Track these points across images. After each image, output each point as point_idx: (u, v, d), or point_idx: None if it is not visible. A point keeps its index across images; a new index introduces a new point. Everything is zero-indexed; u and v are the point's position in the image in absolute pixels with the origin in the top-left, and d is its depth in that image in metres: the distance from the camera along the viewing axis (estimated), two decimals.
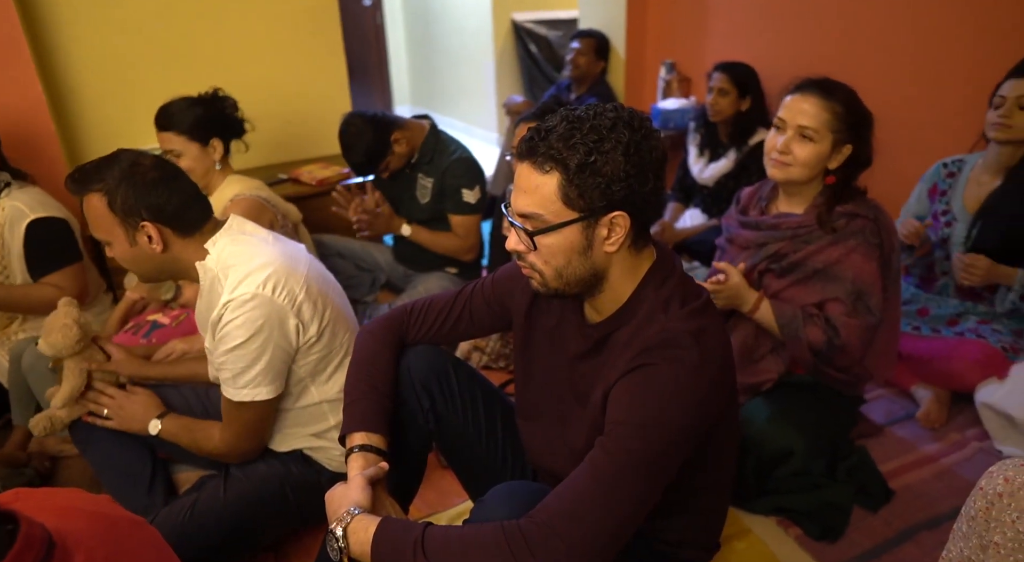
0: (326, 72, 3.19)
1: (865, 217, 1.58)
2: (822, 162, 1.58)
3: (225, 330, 1.33)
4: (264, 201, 2.06)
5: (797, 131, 1.57)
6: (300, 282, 1.39)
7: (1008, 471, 0.84)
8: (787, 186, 1.66)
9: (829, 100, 1.55)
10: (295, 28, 3.05)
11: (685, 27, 3.46)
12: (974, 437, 1.95)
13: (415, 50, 6.20)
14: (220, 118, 2.03)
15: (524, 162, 1.02)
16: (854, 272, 1.57)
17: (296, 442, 1.54)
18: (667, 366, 0.97)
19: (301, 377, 1.46)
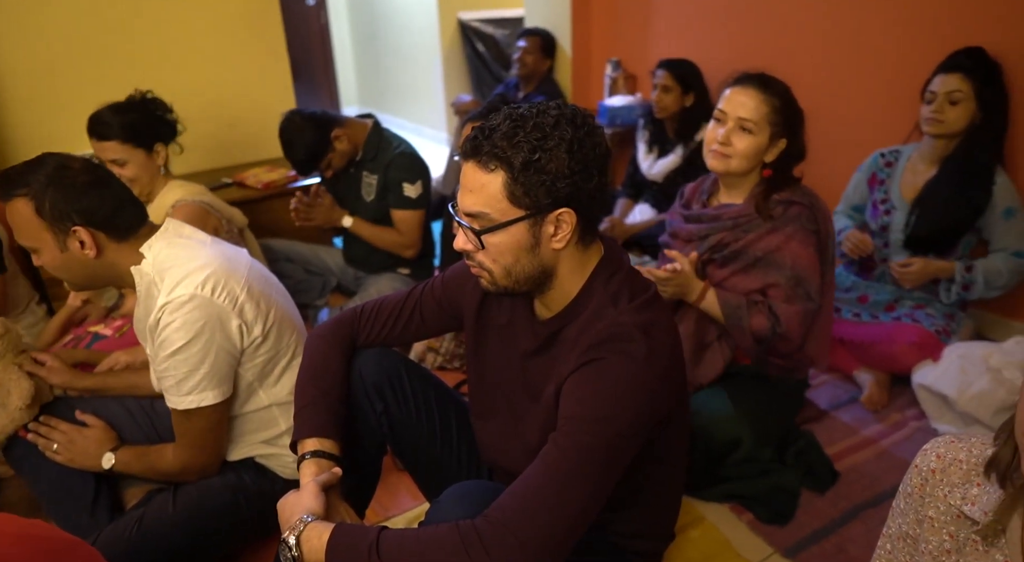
0: (269, 73, 3.13)
1: (801, 204, 1.64)
2: (760, 154, 1.63)
3: (164, 334, 1.29)
4: (207, 206, 2.01)
5: (737, 123, 1.61)
6: (240, 283, 1.36)
7: (940, 448, 0.88)
8: (726, 178, 1.71)
9: (767, 93, 1.60)
10: (235, 29, 2.98)
11: (629, 25, 3.51)
12: (912, 417, 2.04)
13: (361, 50, 6.13)
14: (156, 122, 1.97)
15: (469, 161, 1.02)
16: (792, 259, 1.62)
17: (247, 450, 1.51)
18: (617, 360, 0.99)
19: (249, 381, 1.43)
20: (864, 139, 2.52)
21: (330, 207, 2.40)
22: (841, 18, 2.58)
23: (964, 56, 2.05)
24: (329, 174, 2.39)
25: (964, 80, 2.00)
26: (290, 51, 3.23)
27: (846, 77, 2.62)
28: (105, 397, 1.60)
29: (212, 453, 1.44)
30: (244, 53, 3.03)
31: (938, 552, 0.85)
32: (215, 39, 2.94)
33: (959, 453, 0.85)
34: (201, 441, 1.40)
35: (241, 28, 2.99)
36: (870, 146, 2.37)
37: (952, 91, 2.01)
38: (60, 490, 1.49)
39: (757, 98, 1.59)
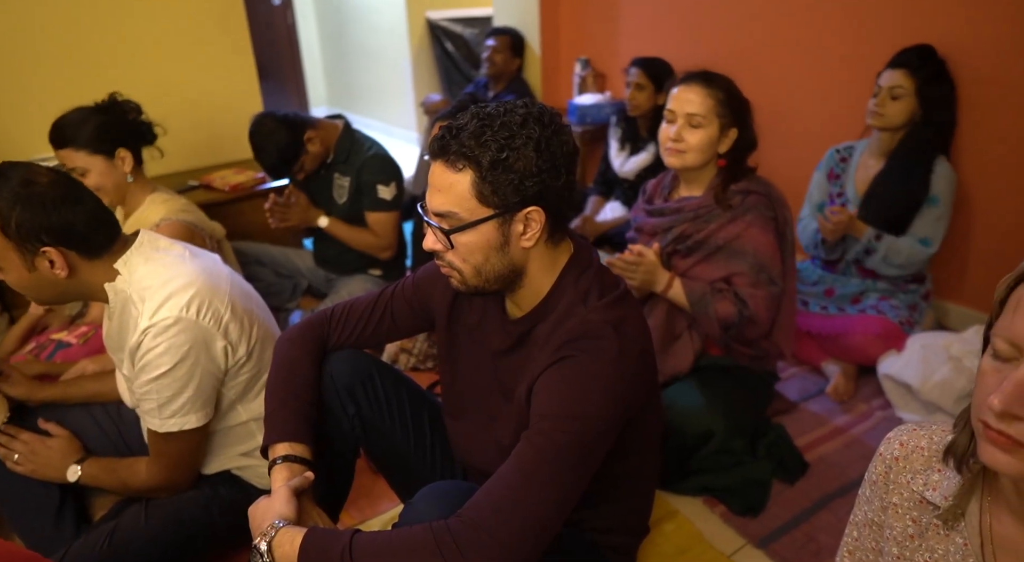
0: (234, 73, 3.08)
1: (758, 192, 1.68)
2: (713, 146, 1.67)
3: (147, 358, 1.24)
4: (193, 226, 1.94)
5: (686, 120, 1.66)
6: (224, 301, 1.32)
7: (903, 436, 0.90)
8: (685, 172, 1.75)
9: (711, 88, 1.65)
10: (199, 29, 2.93)
11: (597, 23, 3.53)
12: (878, 407, 2.08)
13: (329, 50, 6.07)
14: (123, 125, 1.86)
15: (437, 161, 1.02)
16: (753, 245, 1.66)
17: (223, 463, 1.47)
18: (588, 357, 0.99)
19: (231, 399, 1.39)
20: (824, 134, 2.58)
21: (305, 207, 2.37)
22: (802, 17, 2.63)
23: (912, 54, 2.12)
24: (301, 177, 2.36)
25: (907, 77, 2.08)
26: (256, 51, 3.19)
27: (806, 74, 2.67)
28: (70, 405, 1.56)
29: (188, 472, 1.40)
30: (208, 53, 2.98)
31: (902, 537, 0.87)
32: (177, 39, 2.89)
33: (920, 441, 0.87)
34: (178, 462, 1.36)
35: (205, 28, 2.94)
36: (830, 141, 2.43)
37: (894, 86, 2.08)
38: (22, 501, 1.45)
39: (702, 93, 1.64)
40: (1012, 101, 2.14)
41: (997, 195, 2.24)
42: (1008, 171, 2.20)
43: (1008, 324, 0.66)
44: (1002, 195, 2.23)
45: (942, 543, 0.82)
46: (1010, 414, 0.64)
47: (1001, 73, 2.14)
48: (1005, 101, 2.16)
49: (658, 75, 2.80)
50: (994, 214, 2.26)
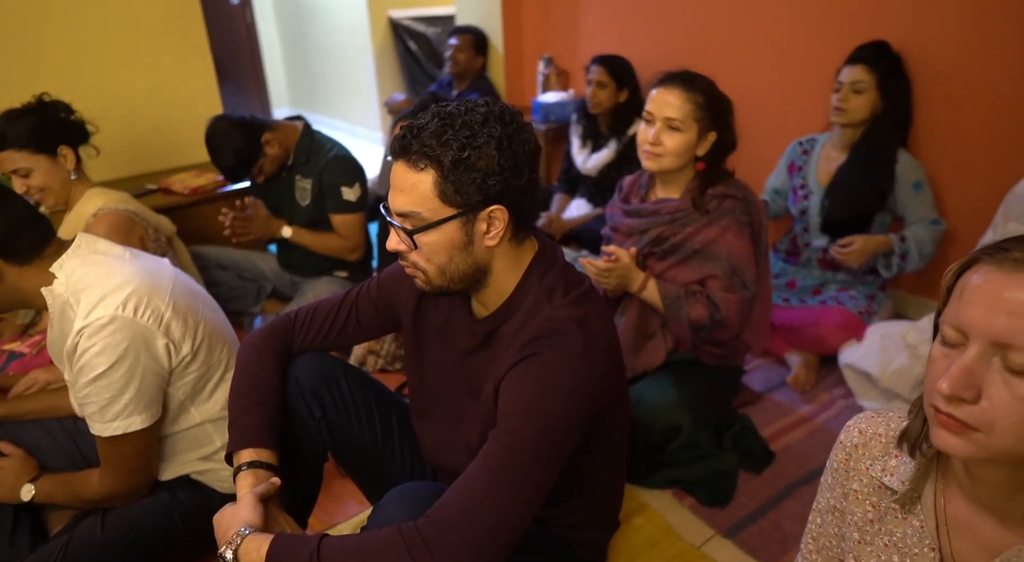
0: (192, 74, 3.02)
1: (735, 197, 1.69)
2: (691, 150, 1.67)
3: (83, 359, 1.21)
4: (132, 214, 1.91)
5: (665, 123, 1.65)
6: (165, 299, 1.30)
7: (861, 424, 0.92)
8: (662, 174, 1.75)
9: (691, 91, 1.64)
10: (154, 29, 2.86)
11: (560, 21, 3.54)
12: (840, 396, 2.13)
13: (290, 50, 5.99)
14: (58, 124, 1.83)
15: (399, 161, 1.01)
16: (728, 250, 1.67)
17: (182, 468, 1.45)
18: (553, 355, 1.00)
19: (180, 400, 1.37)
20: (787, 129, 2.62)
21: (266, 219, 2.34)
22: (761, 14, 2.67)
23: (870, 49, 2.17)
24: (261, 180, 2.32)
25: (868, 71, 2.13)
26: (215, 52, 3.13)
27: (766, 71, 2.72)
28: (22, 421, 1.52)
29: (142, 477, 1.37)
30: (164, 54, 2.92)
31: (862, 522, 0.89)
32: (132, 40, 2.83)
33: (878, 428, 0.90)
34: (129, 466, 1.33)
35: (160, 28, 2.88)
36: (793, 135, 2.48)
37: (856, 81, 2.13)
38: None
39: (681, 97, 1.64)
40: (964, 96, 2.21)
41: (951, 187, 2.31)
42: (961, 165, 2.27)
43: (954, 311, 0.68)
44: (955, 187, 2.30)
45: (900, 526, 0.85)
46: (957, 397, 0.66)
47: (953, 69, 2.21)
48: (957, 96, 2.22)
49: (619, 73, 2.82)
50: (948, 205, 2.33)
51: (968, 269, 0.69)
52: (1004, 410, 0.64)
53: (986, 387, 0.65)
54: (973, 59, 2.16)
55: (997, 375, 0.65)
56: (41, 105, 1.81)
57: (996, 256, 0.67)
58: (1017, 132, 2.12)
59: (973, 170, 2.25)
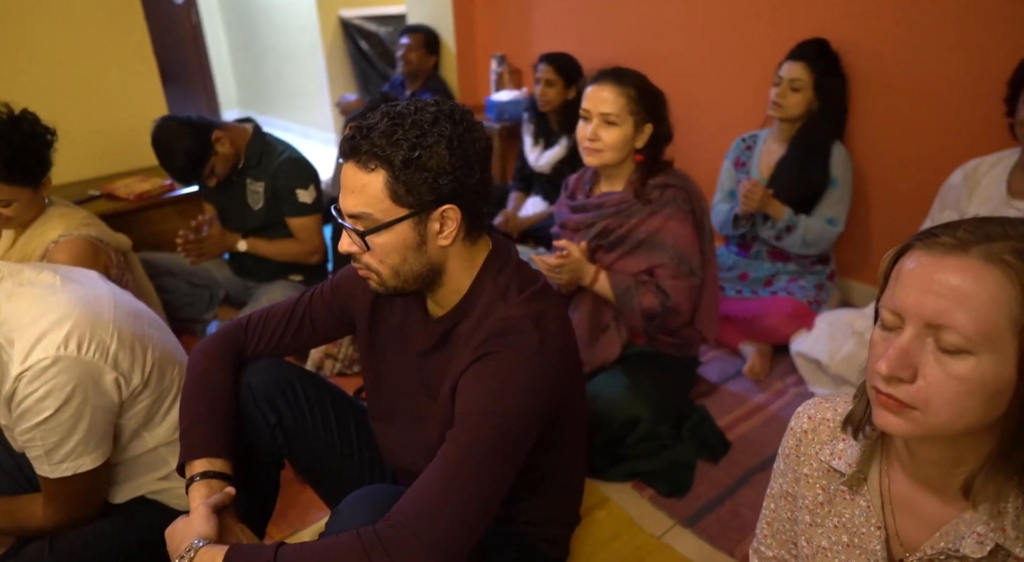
0: (135, 76, 2.93)
1: (675, 186, 1.73)
2: (629, 143, 1.71)
3: (24, 405, 1.12)
4: (95, 241, 1.81)
5: (601, 118, 1.69)
6: (109, 329, 1.20)
7: (810, 410, 0.95)
8: (604, 169, 1.78)
9: (623, 86, 1.68)
10: (91, 28, 2.77)
11: (511, 20, 3.55)
12: (792, 383, 2.19)
13: (239, 50, 5.87)
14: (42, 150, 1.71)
15: (349, 162, 1.00)
16: (673, 238, 1.71)
17: (136, 490, 1.38)
18: (509, 353, 1.00)
19: (133, 429, 1.30)
20: (730, 123, 2.69)
21: (220, 236, 2.28)
22: (706, 12, 2.72)
23: (810, 47, 2.24)
24: (213, 183, 2.26)
25: (806, 70, 2.19)
26: (159, 52, 3.05)
27: (711, 65, 2.77)
28: None
29: (89, 507, 1.30)
30: (106, 55, 2.83)
31: (813, 505, 0.91)
32: (67, 39, 2.72)
33: (826, 413, 0.92)
34: (76, 501, 1.26)
35: (97, 27, 2.78)
36: (737, 129, 2.54)
37: (794, 79, 2.20)
38: None
39: (614, 92, 1.67)
40: (897, 93, 2.29)
41: (890, 180, 2.40)
42: (898, 158, 2.36)
43: (891, 296, 0.71)
44: (894, 179, 2.39)
45: (848, 508, 0.87)
46: (895, 377, 0.68)
47: (887, 67, 2.28)
48: (892, 93, 2.30)
49: (567, 71, 2.83)
50: (888, 197, 2.41)
51: (903, 255, 0.72)
52: (938, 388, 0.67)
53: (921, 367, 0.68)
54: (906, 58, 2.24)
55: (931, 355, 0.68)
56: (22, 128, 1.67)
57: (927, 241, 0.70)
58: (948, 127, 2.20)
59: (908, 164, 2.34)
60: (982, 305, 0.65)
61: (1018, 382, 0.66)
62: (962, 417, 0.67)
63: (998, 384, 0.66)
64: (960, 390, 0.66)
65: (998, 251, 0.65)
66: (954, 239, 0.68)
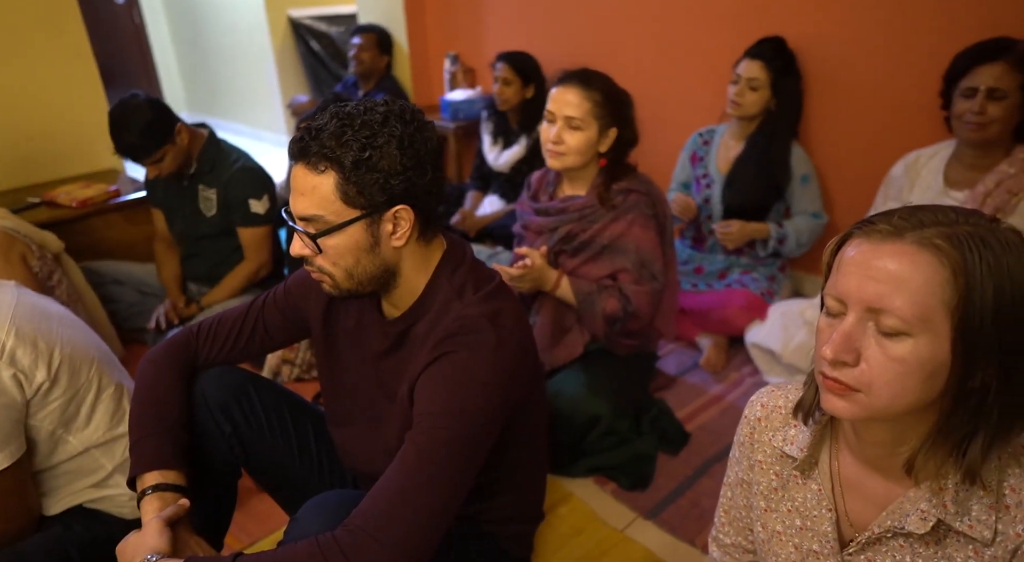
0: (73, 78, 2.83)
1: (639, 191, 1.74)
2: (593, 147, 1.71)
3: None
4: (11, 231, 1.77)
5: (565, 122, 1.68)
6: (5, 326, 1.18)
7: (763, 398, 0.97)
8: (567, 172, 1.78)
9: (589, 89, 1.67)
10: (25, 27, 2.65)
11: (464, 18, 3.54)
12: (748, 374, 2.24)
13: (185, 52, 5.72)
14: None
15: (298, 163, 0.99)
16: (636, 243, 1.72)
17: (72, 499, 1.33)
18: (466, 352, 1.00)
19: (50, 430, 1.25)
20: (688, 120, 2.72)
21: (184, 309, 2.28)
22: (662, 8, 2.75)
23: (767, 46, 2.28)
24: (155, 172, 2.15)
25: (764, 69, 2.23)
26: (100, 53, 2.95)
27: (668, 62, 2.81)
28: None
29: (18, 519, 1.24)
30: (38, 56, 2.72)
31: (768, 491, 0.94)
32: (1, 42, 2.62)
33: (778, 401, 0.95)
34: (1, 510, 1.21)
35: (31, 26, 2.67)
36: (694, 127, 2.57)
37: (752, 78, 2.24)
38: None
39: (580, 95, 1.66)
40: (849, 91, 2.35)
41: (839, 173, 2.46)
42: (846, 152, 2.42)
43: (833, 283, 0.73)
44: (843, 173, 2.45)
45: (801, 492, 0.90)
46: (840, 361, 0.71)
47: (836, 63, 2.34)
48: (843, 91, 2.36)
49: (524, 69, 2.84)
50: (839, 192, 2.48)
51: (844, 244, 0.74)
52: (880, 370, 0.69)
53: (864, 350, 0.70)
54: (850, 55, 2.31)
55: (872, 339, 0.70)
56: None
57: (865, 229, 0.72)
58: (891, 121, 2.27)
59: (856, 157, 2.40)
60: (917, 288, 0.67)
61: (952, 362, 0.68)
62: (903, 397, 0.70)
63: (934, 364, 0.68)
64: (900, 371, 0.69)
65: (930, 236, 0.68)
66: (890, 226, 0.70)
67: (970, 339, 0.67)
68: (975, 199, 1.83)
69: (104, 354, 1.38)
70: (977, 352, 0.68)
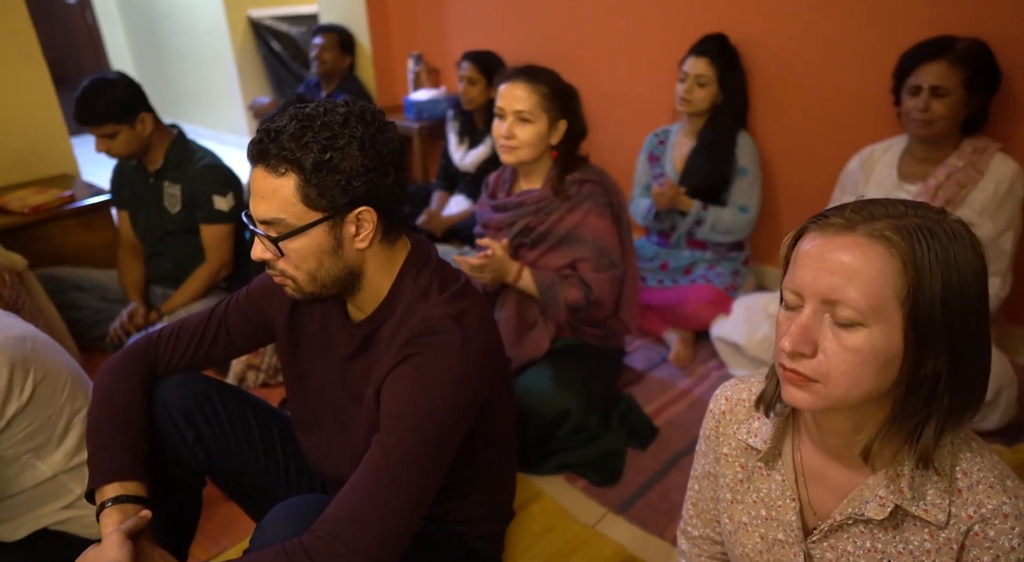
0: (22, 80, 2.74)
1: (592, 181, 1.77)
2: (544, 140, 1.73)
3: None
4: None
5: (515, 116, 1.71)
6: None
7: (727, 391, 0.99)
8: (522, 167, 1.80)
9: (535, 83, 1.70)
10: None
11: (427, 18, 3.52)
12: (714, 367, 2.27)
13: (142, 54, 5.59)
14: None
15: (257, 166, 0.98)
16: (593, 232, 1.75)
17: (37, 523, 1.30)
18: (432, 353, 1.00)
19: (16, 456, 1.22)
20: (642, 117, 2.76)
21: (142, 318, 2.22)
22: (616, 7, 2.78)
23: (711, 43, 2.33)
24: (103, 148, 2.10)
25: (710, 65, 2.28)
26: (51, 55, 2.87)
27: (622, 62, 2.83)
28: None
29: None
30: None
31: (733, 483, 0.95)
32: None
33: (742, 394, 0.96)
34: None
35: None
36: (648, 123, 2.61)
37: (699, 74, 2.29)
38: None
39: (527, 89, 1.69)
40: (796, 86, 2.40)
41: (796, 168, 2.51)
42: (802, 147, 2.47)
43: (791, 276, 0.75)
44: (800, 168, 2.50)
45: (765, 483, 0.91)
46: (798, 353, 0.72)
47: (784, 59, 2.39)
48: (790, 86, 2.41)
49: (489, 69, 2.84)
50: (794, 183, 2.53)
51: (800, 238, 0.76)
52: (836, 360, 0.71)
53: (821, 341, 0.72)
54: (799, 52, 2.36)
55: (828, 330, 0.72)
56: None
57: (820, 223, 0.74)
58: (846, 116, 2.33)
59: (812, 152, 2.45)
60: (869, 280, 0.69)
61: (905, 351, 0.70)
62: (859, 386, 0.72)
63: (888, 353, 0.70)
64: (855, 361, 0.70)
65: (880, 229, 0.70)
66: (843, 220, 0.72)
67: (921, 328, 0.69)
68: (927, 192, 1.88)
69: (77, 377, 1.34)
70: (928, 341, 0.70)
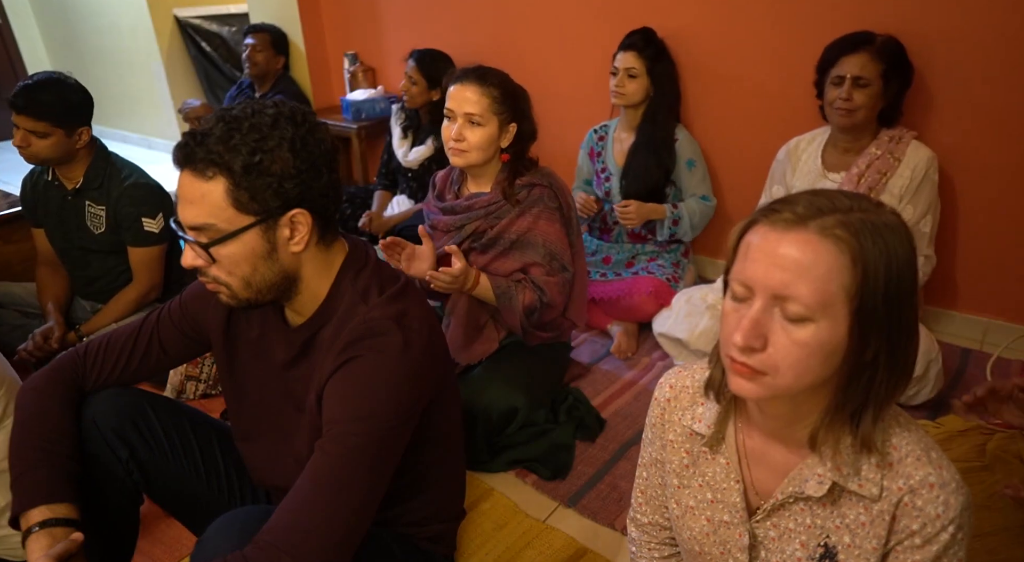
0: None
1: (541, 185, 1.76)
2: (494, 143, 1.72)
3: None
4: None
5: (465, 118, 1.68)
6: None
7: (671, 379, 1.01)
8: (470, 169, 1.78)
9: (486, 85, 1.68)
10: None
11: (361, 17, 3.47)
12: (659, 358, 2.31)
13: (60, 54, 5.33)
14: None
15: (184, 171, 0.95)
16: (544, 237, 1.75)
17: None
18: (373, 355, 0.98)
19: None
20: (582, 113, 2.79)
21: (62, 340, 2.09)
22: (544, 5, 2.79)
23: (638, 36, 2.38)
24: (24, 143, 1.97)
25: (638, 58, 2.33)
26: None
27: (558, 59, 2.85)
28: None
29: None
30: None
31: (679, 468, 0.97)
32: None
33: (685, 381, 0.98)
34: None
35: None
36: (588, 118, 2.64)
37: (629, 67, 2.34)
38: None
39: (478, 92, 1.67)
40: (723, 77, 2.46)
41: (729, 159, 2.58)
42: (733, 138, 2.54)
43: (740, 268, 0.76)
44: (733, 159, 2.57)
45: (710, 466, 0.93)
46: (750, 347, 0.74)
47: (711, 53, 2.45)
48: (720, 80, 2.48)
49: (432, 73, 2.78)
50: (730, 175, 2.60)
51: (749, 229, 0.77)
52: (785, 353, 0.73)
53: (770, 335, 0.73)
54: (724, 45, 2.43)
55: (778, 324, 0.73)
56: None
57: (771, 217, 0.75)
58: (772, 108, 2.40)
59: (744, 143, 2.53)
60: (819, 276, 0.70)
61: (848, 341, 0.73)
62: (805, 377, 0.74)
63: (833, 345, 0.72)
64: (803, 354, 0.72)
65: (830, 225, 0.71)
66: (793, 214, 0.73)
67: (865, 319, 0.71)
68: (851, 180, 1.96)
69: (11, 381, 1.28)
70: (871, 330, 0.72)
